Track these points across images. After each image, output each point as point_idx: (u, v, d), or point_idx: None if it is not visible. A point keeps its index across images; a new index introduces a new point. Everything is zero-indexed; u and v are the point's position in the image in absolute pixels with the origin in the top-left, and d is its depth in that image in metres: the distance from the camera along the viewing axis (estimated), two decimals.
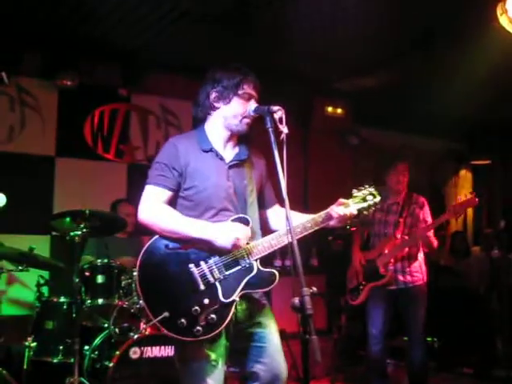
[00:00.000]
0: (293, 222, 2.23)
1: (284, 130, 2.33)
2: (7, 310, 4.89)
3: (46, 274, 4.38)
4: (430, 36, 4.81)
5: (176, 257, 2.46)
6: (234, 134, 2.66)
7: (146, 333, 3.83)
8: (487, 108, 6.54)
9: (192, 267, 2.44)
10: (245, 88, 2.58)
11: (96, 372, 3.90)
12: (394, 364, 5.48)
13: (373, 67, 5.70)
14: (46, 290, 4.30)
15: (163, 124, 5.96)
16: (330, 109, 6.67)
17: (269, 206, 2.85)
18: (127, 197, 5.42)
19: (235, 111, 2.59)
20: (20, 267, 3.94)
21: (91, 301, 4.01)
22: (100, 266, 4.11)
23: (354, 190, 2.77)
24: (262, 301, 2.66)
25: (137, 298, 3.88)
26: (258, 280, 2.49)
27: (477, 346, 5.77)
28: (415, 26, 4.70)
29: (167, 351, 3.86)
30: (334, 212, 2.63)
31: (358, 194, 2.76)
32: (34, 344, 3.90)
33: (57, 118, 5.36)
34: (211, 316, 2.40)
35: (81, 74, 5.25)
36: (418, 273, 4.41)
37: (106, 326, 4.09)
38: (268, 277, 2.50)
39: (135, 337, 3.82)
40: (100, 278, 4.07)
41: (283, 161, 2.24)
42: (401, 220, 4.40)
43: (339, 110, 6.71)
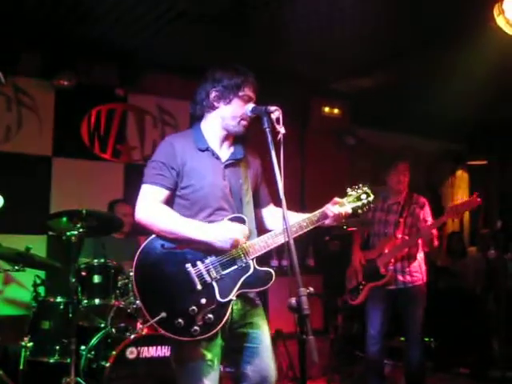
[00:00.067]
0: (289, 222, 2.23)
1: (281, 130, 2.33)
2: (3, 309, 4.89)
3: (42, 273, 4.37)
4: (427, 36, 4.82)
5: (173, 257, 2.45)
6: (230, 134, 2.66)
7: (142, 333, 3.83)
8: (485, 108, 6.55)
9: (189, 267, 2.43)
10: (245, 90, 2.58)
11: (92, 372, 3.89)
12: (391, 364, 5.48)
13: (370, 67, 5.71)
14: (42, 289, 4.30)
15: (160, 124, 5.96)
16: (327, 109, 6.67)
17: (264, 205, 2.85)
18: (124, 197, 5.42)
19: (234, 112, 2.59)
20: (16, 267, 3.95)
21: (88, 301, 4.01)
22: (97, 266, 4.10)
23: (349, 189, 2.79)
24: (256, 301, 2.66)
25: (133, 298, 3.88)
26: (255, 279, 2.49)
27: (473, 347, 5.77)
28: (413, 26, 4.71)
29: (164, 351, 3.85)
30: (329, 211, 2.65)
31: (352, 193, 2.77)
32: (31, 344, 3.89)
33: (54, 118, 5.36)
34: (208, 316, 2.40)
35: (78, 74, 5.25)
36: (418, 273, 4.40)
37: (102, 326, 4.09)
38: (264, 276, 2.50)
39: (132, 337, 3.82)
40: (97, 278, 4.06)
41: (280, 161, 2.25)
42: (401, 220, 4.40)
43: (336, 111, 6.72)
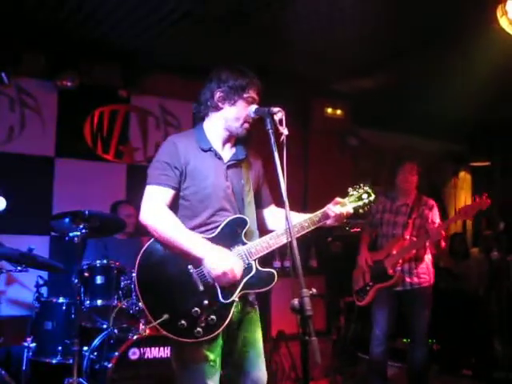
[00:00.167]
0: (291, 223, 2.22)
1: (284, 131, 2.33)
2: (6, 310, 4.88)
3: (45, 274, 4.37)
4: (429, 37, 4.81)
5: (175, 258, 2.44)
6: (232, 135, 2.66)
7: (145, 334, 3.82)
8: (487, 109, 6.54)
9: (191, 268, 2.43)
10: (250, 92, 2.58)
11: (95, 373, 3.89)
12: (394, 366, 5.47)
13: (370, 68, 5.70)
14: (45, 290, 4.30)
15: (163, 125, 5.96)
16: (329, 110, 6.66)
17: (265, 205, 2.85)
18: (127, 198, 5.42)
19: (238, 114, 2.59)
20: (19, 267, 3.94)
21: (90, 301, 4.01)
22: (99, 267, 4.10)
23: (350, 189, 2.79)
24: (253, 304, 2.66)
25: (136, 298, 3.88)
26: (257, 280, 2.49)
27: (476, 348, 5.76)
28: (414, 26, 4.70)
29: (166, 352, 3.85)
30: (331, 211, 2.65)
31: (353, 193, 2.78)
32: (33, 345, 3.90)
33: (56, 119, 5.36)
34: (211, 317, 2.39)
35: (81, 75, 5.25)
36: (425, 274, 4.40)
37: (105, 326, 4.09)
38: (267, 277, 2.50)
39: (134, 338, 3.82)
40: (99, 279, 4.06)
41: (283, 162, 2.24)
42: (410, 221, 4.40)
43: (338, 111, 6.71)
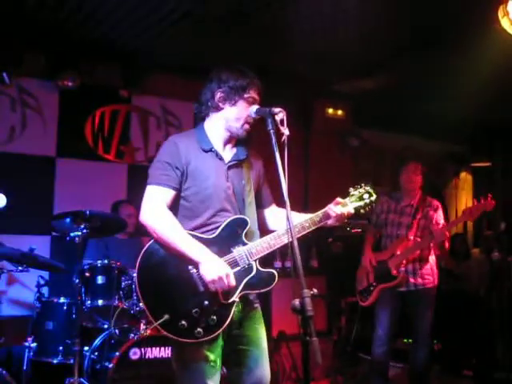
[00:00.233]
0: (292, 223, 2.22)
1: (285, 131, 2.32)
2: (7, 310, 4.89)
3: (46, 274, 4.38)
4: (429, 37, 4.81)
5: (175, 259, 2.44)
6: (232, 136, 2.66)
7: (146, 334, 3.82)
8: (488, 109, 6.54)
9: (191, 269, 2.43)
10: (251, 92, 2.57)
11: (96, 373, 3.89)
12: (395, 366, 5.47)
13: (372, 68, 5.70)
14: (46, 290, 4.30)
15: (164, 125, 5.96)
16: (330, 110, 6.67)
17: (266, 205, 2.85)
18: (127, 197, 5.43)
19: (239, 114, 2.58)
20: (20, 267, 3.94)
21: (91, 301, 4.01)
22: (100, 267, 4.10)
23: (351, 189, 2.79)
24: (254, 304, 2.65)
25: (137, 299, 3.88)
26: (258, 280, 2.49)
27: (477, 349, 5.76)
28: (414, 26, 4.70)
29: (167, 352, 3.85)
30: (332, 211, 2.64)
31: (354, 193, 2.77)
32: (34, 344, 3.90)
33: (58, 119, 5.36)
34: (212, 317, 2.39)
35: (81, 75, 5.25)
36: (429, 275, 4.40)
37: (106, 326, 4.09)
38: (267, 277, 2.50)
39: (135, 338, 3.81)
40: (100, 279, 4.07)
41: (284, 162, 2.23)
42: (414, 222, 4.41)
43: (340, 112, 6.71)
